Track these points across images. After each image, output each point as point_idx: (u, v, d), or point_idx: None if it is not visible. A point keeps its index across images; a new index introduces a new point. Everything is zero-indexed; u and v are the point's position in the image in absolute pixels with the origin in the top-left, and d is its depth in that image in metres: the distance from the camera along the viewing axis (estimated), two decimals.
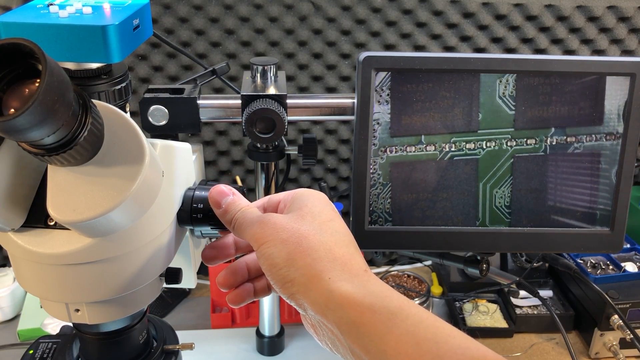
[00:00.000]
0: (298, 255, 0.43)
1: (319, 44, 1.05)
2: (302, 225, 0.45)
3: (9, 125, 0.32)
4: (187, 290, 1.11)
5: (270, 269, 0.44)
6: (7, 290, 1.01)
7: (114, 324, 0.55)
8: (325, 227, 0.46)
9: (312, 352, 0.96)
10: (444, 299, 1.09)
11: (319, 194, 0.50)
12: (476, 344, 0.39)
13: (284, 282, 0.44)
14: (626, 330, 0.89)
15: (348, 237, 0.47)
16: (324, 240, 0.45)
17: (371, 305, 0.40)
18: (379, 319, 0.40)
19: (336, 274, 0.43)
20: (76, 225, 0.42)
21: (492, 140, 0.76)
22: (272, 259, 0.44)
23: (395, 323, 0.39)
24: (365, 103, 0.74)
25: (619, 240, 0.80)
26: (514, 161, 0.77)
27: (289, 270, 0.43)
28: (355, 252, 0.46)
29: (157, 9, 1.00)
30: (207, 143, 1.10)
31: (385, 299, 0.41)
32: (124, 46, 0.47)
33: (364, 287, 0.42)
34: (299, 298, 0.43)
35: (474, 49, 1.07)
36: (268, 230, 0.45)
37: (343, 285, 0.42)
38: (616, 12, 1.06)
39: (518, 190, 0.78)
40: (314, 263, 0.43)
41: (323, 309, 0.42)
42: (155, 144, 0.49)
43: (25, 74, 0.35)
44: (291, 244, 0.44)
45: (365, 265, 0.45)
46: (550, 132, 0.76)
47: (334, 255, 0.44)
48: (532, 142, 0.76)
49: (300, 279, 0.43)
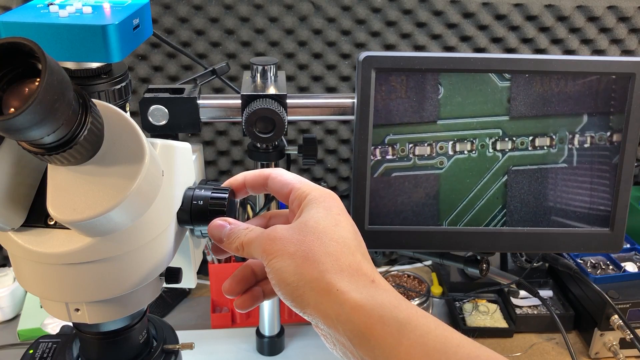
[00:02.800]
0: (306, 269, 0.43)
1: (319, 44, 1.05)
2: (307, 235, 0.45)
3: (9, 124, 0.32)
4: (187, 290, 1.11)
5: (279, 284, 0.44)
6: (7, 290, 1.01)
7: (114, 323, 0.54)
8: (330, 235, 0.45)
9: (312, 352, 0.96)
10: (444, 299, 1.08)
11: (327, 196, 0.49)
12: (486, 352, 0.39)
13: (294, 296, 0.44)
14: (626, 330, 0.89)
15: (354, 242, 0.46)
16: (330, 251, 0.44)
17: (380, 317, 0.40)
18: (388, 331, 0.40)
19: (345, 285, 0.42)
20: (76, 225, 0.42)
21: (492, 139, 0.76)
22: (281, 273, 0.44)
23: (404, 334, 0.39)
24: (365, 103, 0.74)
25: (619, 240, 0.80)
26: (513, 161, 0.77)
27: (298, 285, 0.43)
28: (362, 259, 0.45)
29: (157, 9, 1.00)
30: (207, 143, 1.10)
31: (394, 309, 0.41)
32: (123, 46, 0.47)
33: (372, 298, 0.42)
34: (310, 312, 0.43)
35: (474, 49, 1.07)
36: (276, 245, 0.45)
37: (352, 297, 0.41)
38: (616, 12, 1.06)
39: (518, 191, 0.78)
40: (321, 276, 0.43)
41: (334, 322, 0.42)
42: (155, 143, 0.49)
43: (25, 73, 0.35)
44: (298, 257, 0.43)
45: (373, 272, 0.44)
46: (549, 132, 0.76)
47: (340, 266, 0.43)
48: (531, 142, 0.77)
49: (309, 293, 0.43)
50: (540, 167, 0.77)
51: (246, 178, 0.54)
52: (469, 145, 0.76)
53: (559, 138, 0.76)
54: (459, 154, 0.77)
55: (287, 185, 0.50)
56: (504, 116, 0.75)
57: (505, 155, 0.77)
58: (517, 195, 0.78)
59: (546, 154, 0.77)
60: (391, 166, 0.77)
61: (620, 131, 0.76)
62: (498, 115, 0.75)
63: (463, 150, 0.77)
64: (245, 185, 0.54)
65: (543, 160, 0.77)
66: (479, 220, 0.79)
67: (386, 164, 0.77)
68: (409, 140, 0.76)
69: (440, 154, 0.77)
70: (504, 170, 0.78)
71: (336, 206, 0.48)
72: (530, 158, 0.77)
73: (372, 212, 0.78)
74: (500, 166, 0.77)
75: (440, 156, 0.77)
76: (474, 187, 0.78)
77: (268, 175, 0.52)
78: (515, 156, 0.77)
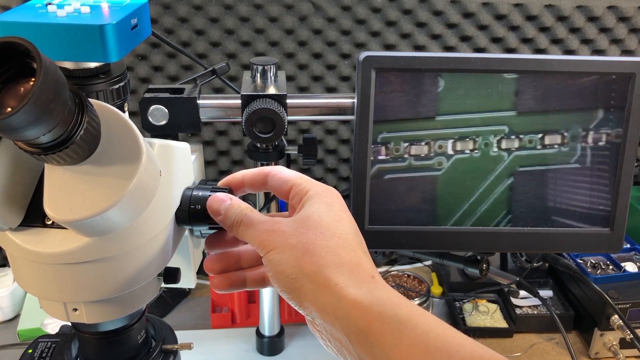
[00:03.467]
0: (305, 262, 0.43)
1: (319, 44, 1.05)
2: (309, 229, 0.45)
3: (5, 123, 0.32)
4: (187, 290, 1.11)
5: (277, 276, 0.44)
6: (7, 290, 1.01)
7: (113, 323, 0.54)
8: (332, 229, 0.45)
9: (312, 352, 0.96)
10: (444, 299, 1.08)
11: (330, 192, 0.49)
12: (488, 352, 0.39)
13: (292, 289, 0.43)
14: (626, 330, 0.89)
15: (355, 239, 0.46)
16: (331, 245, 0.44)
17: (380, 314, 0.40)
18: (387, 329, 0.39)
19: (343, 280, 0.42)
20: (73, 225, 0.42)
21: (492, 139, 0.76)
22: (280, 265, 0.44)
23: (404, 332, 0.39)
24: (365, 103, 0.74)
25: (619, 240, 0.79)
26: (514, 161, 0.77)
27: (296, 277, 0.43)
28: (363, 256, 0.45)
29: (157, 9, 1.00)
30: (207, 143, 1.10)
31: (394, 307, 0.40)
32: (121, 45, 0.47)
33: (371, 294, 0.41)
34: (307, 306, 0.43)
35: (474, 49, 1.07)
36: (277, 237, 0.44)
37: (351, 292, 0.41)
38: (616, 12, 1.06)
39: (518, 191, 0.78)
40: (320, 270, 0.42)
41: (331, 317, 0.42)
42: (153, 143, 0.49)
43: (21, 73, 0.35)
44: (299, 250, 0.43)
45: (373, 269, 0.44)
46: (549, 132, 0.76)
47: (340, 261, 0.43)
48: (531, 142, 0.76)
49: (307, 286, 0.43)
50: (550, 168, 0.75)
51: (245, 176, 0.54)
52: (471, 143, 0.74)
53: (558, 137, 0.76)
54: (459, 153, 0.74)
55: (287, 182, 0.50)
56: (510, 111, 0.71)
57: (511, 155, 0.74)
58: (524, 199, 0.75)
59: (556, 153, 0.74)
60: (384, 167, 0.74)
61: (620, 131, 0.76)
62: (504, 110, 0.71)
63: (464, 149, 0.74)
64: (244, 183, 0.54)
65: (553, 160, 0.74)
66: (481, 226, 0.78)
67: (379, 165, 0.73)
68: (404, 139, 0.73)
69: (439, 154, 0.74)
70: (510, 171, 0.75)
71: (338, 202, 0.48)
72: (539, 158, 0.74)
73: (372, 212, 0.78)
74: (505, 167, 0.75)
75: (439, 156, 0.75)
76: (476, 191, 0.75)
77: (268, 173, 0.52)
78: (522, 156, 0.74)
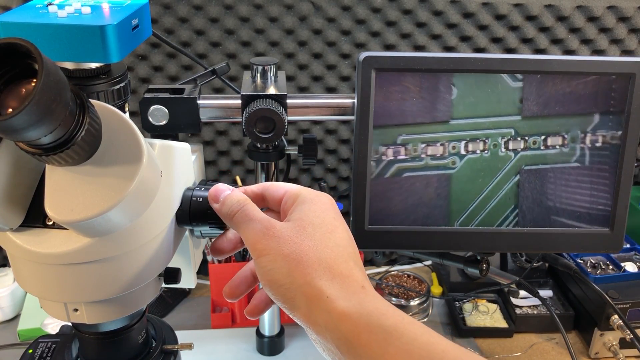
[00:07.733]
0: (298, 273, 0.43)
1: (319, 44, 1.05)
2: (304, 239, 0.45)
3: (6, 124, 0.32)
4: (187, 290, 1.11)
5: (270, 284, 0.45)
6: (7, 290, 1.01)
7: (113, 323, 0.54)
8: (326, 241, 0.45)
9: (312, 352, 0.96)
10: (444, 299, 1.08)
11: (323, 198, 0.49)
12: (472, 357, 0.40)
13: (285, 298, 0.44)
14: (626, 330, 0.89)
15: (348, 250, 0.46)
16: (323, 257, 0.44)
17: (367, 325, 0.41)
18: (374, 339, 0.40)
19: (334, 292, 0.43)
20: (74, 225, 0.42)
21: (500, 141, 0.76)
22: (273, 274, 0.44)
23: (390, 342, 0.40)
24: (365, 103, 0.74)
25: (619, 240, 0.79)
26: (520, 160, 0.77)
27: (289, 288, 0.44)
28: (354, 267, 0.45)
29: (157, 9, 1.00)
30: (207, 143, 1.10)
31: (381, 317, 0.41)
32: (122, 46, 0.47)
33: (360, 305, 0.42)
34: (300, 317, 0.44)
35: (474, 49, 1.07)
36: (271, 243, 0.45)
37: (341, 305, 0.42)
38: (616, 12, 1.06)
39: (524, 187, 0.78)
40: (313, 282, 0.43)
41: (322, 329, 0.42)
42: (154, 143, 0.49)
43: (23, 74, 0.35)
44: (292, 260, 0.44)
45: (364, 279, 0.45)
46: (549, 132, 0.76)
47: (332, 273, 0.44)
48: (535, 144, 0.76)
49: (300, 298, 0.43)
50: (552, 167, 0.77)
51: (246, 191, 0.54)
52: (481, 144, 0.77)
53: (558, 138, 0.76)
54: (471, 153, 0.77)
55: (282, 188, 0.51)
56: (516, 116, 0.76)
57: (517, 155, 0.77)
58: (530, 195, 0.78)
59: (558, 153, 0.77)
60: (403, 166, 0.77)
61: (620, 131, 0.76)
62: (510, 115, 0.76)
63: (475, 150, 0.77)
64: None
65: (555, 160, 0.77)
66: (491, 221, 0.79)
67: (398, 164, 0.77)
68: (421, 140, 0.76)
69: (453, 154, 0.77)
70: (516, 169, 0.78)
71: (332, 209, 0.48)
72: (542, 157, 0.77)
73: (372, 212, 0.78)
74: (512, 166, 0.78)
75: (453, 156, 0.77)
76: (486, 187, 0.78)
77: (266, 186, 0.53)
78: (527, 155, 0.77)
